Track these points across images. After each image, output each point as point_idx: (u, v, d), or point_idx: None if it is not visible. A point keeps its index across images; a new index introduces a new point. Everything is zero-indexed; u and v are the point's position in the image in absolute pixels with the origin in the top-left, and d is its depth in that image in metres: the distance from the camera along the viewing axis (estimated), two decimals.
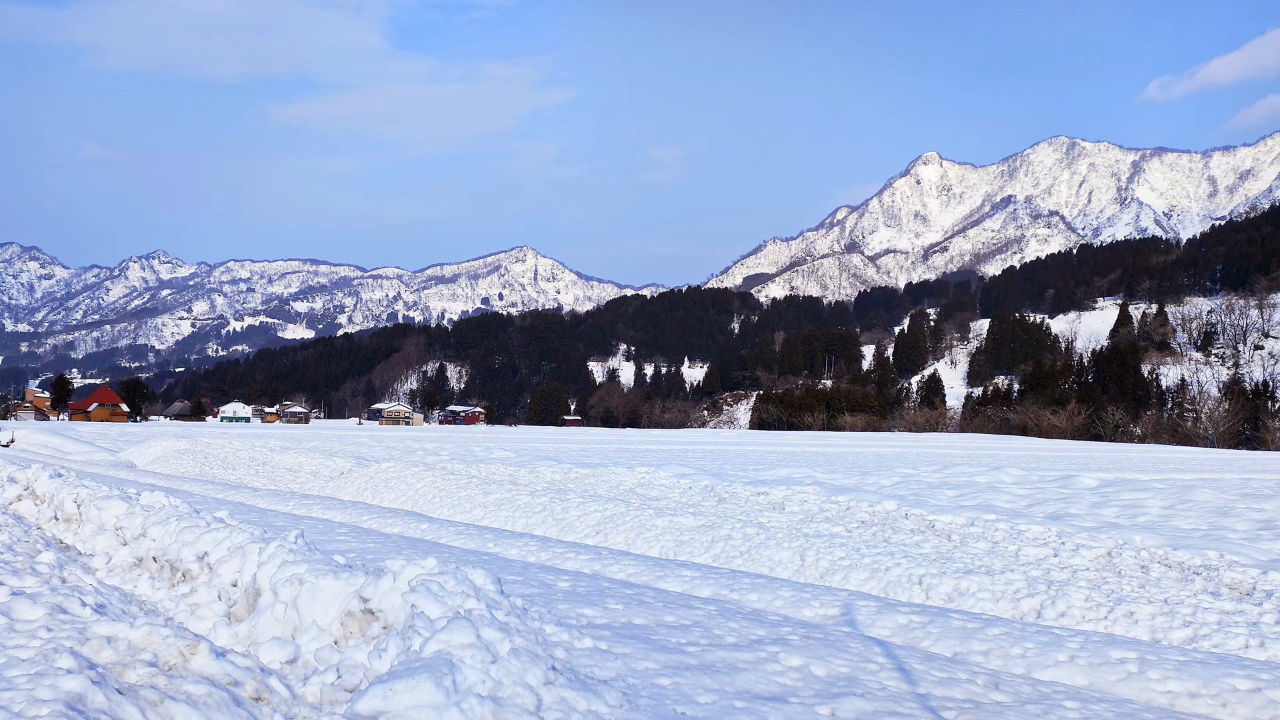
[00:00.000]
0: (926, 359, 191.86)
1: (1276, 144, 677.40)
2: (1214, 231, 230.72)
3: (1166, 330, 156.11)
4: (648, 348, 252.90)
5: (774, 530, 11.41)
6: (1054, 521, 11.76)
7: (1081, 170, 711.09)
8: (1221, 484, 19.28)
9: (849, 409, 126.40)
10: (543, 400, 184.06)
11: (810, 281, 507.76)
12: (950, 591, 8.25)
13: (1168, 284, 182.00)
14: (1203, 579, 8.45)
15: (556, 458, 24.40)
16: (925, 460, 28.87)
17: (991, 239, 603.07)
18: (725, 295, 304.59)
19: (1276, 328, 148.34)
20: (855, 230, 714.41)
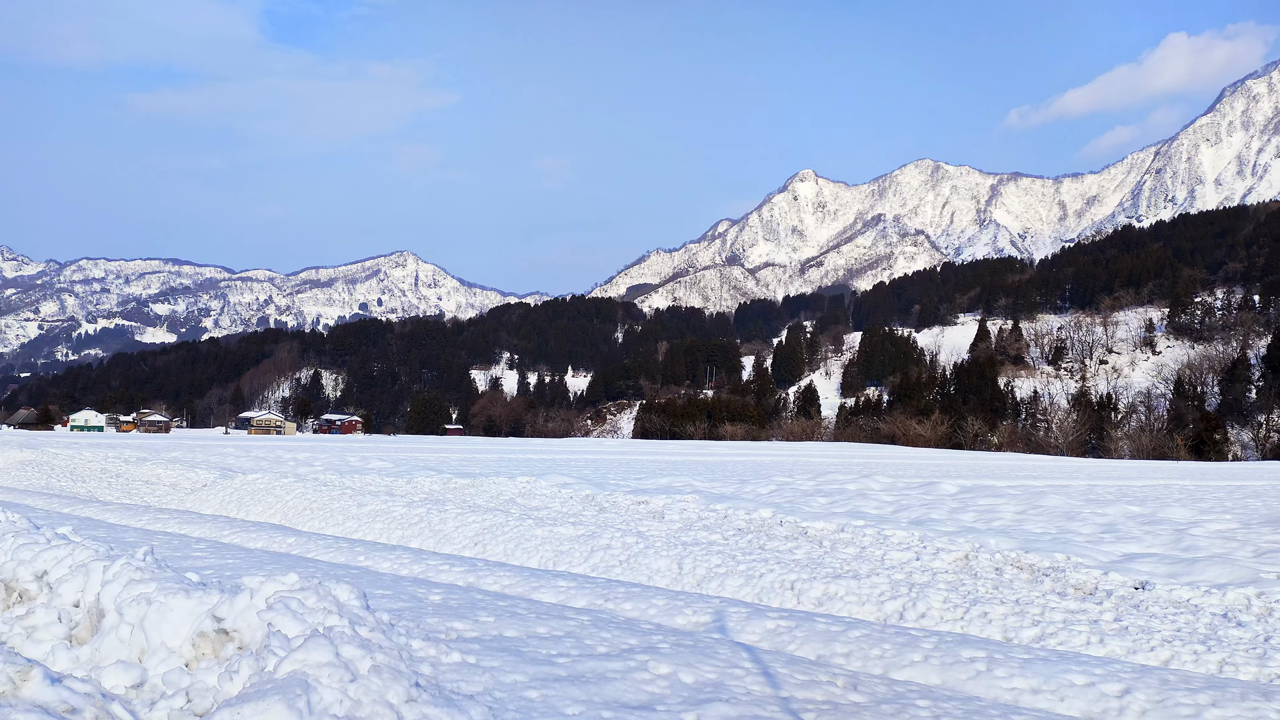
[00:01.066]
0: (803, 370, 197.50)
1: (1119, 172, 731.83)
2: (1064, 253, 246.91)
3: (1021, 345, 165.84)
4: (531, 356, 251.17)
5: (653, 539, 11.49)
6: (917, 526, 12.27)
7: (945, 192, 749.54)
8: (1069, 490, 20.55)
9: (729, 418, 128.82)
10: (423, 409, 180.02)
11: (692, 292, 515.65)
12: (820, 596, 8.49)
13: (1022, 302, 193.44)
14: (1051, 580, 8.96)
15: (436, 468, 23.89)
16: (800, 468, 29.69)
17: (863, 255, 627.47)
18: (609, 305, 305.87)
19: (1119, 344, 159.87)
20: (736, 243, 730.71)
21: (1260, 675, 5.78)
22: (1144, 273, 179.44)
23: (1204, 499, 19.44)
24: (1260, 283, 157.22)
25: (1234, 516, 14.63)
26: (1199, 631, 6.88)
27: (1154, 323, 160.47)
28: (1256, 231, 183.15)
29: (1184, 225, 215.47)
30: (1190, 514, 14.99)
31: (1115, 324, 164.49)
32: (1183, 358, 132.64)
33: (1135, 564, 9.53)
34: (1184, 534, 12.26)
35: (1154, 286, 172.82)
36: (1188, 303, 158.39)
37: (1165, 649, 6.41)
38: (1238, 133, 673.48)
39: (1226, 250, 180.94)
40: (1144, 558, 9.93)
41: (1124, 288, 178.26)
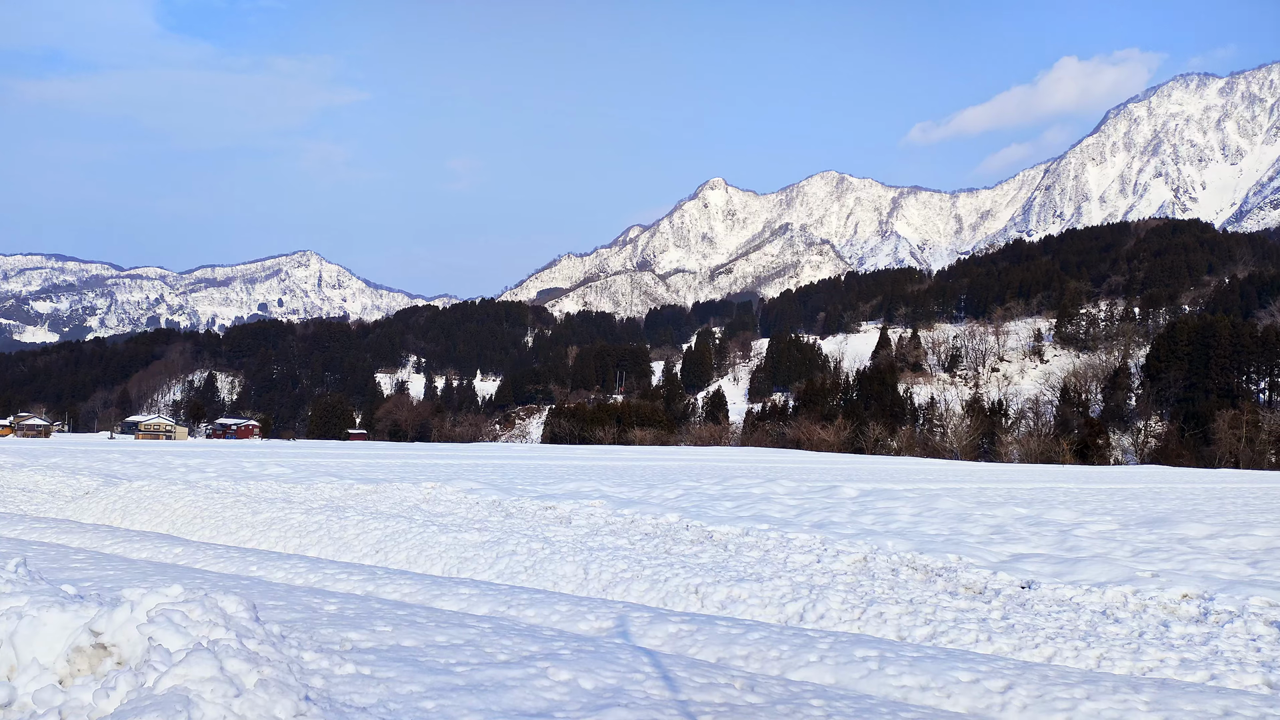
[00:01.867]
0: (712, 375, 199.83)
1: (1012, 188, 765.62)
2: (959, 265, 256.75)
3: (920, 353, 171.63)
4: (439, 360, 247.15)
5: (559, 544, 11.42)
6: (819, 530, 12.54)
7: (849, 203, 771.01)
8: (962, 493, 21.32)
9: (639, 423, 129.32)
10: (325, 413, 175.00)
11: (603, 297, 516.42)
12: (724, 599, 8.58)
13: (921, 311, 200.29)
14: (944, 580, 9.27)
15: (338, 473, 23.24)
16: (708, 473, 30.01)
17: (771, 263, 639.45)
18: (519, 308, 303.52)
19: (1010, 352, 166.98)
20: (647, 249, 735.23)
21: (1134, 669, 6.10)
22: (1033, 285, 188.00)
23: (1087, 501, 20.44)
24: (1140, 295, 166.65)
25: (1114, 518, 15.42)
26: (1080, 628, 7.22)
27: (1042, 332, 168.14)
28: (1137, 247, 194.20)
29: (1071, 240, 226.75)
30: (1074, 515, 15.74)
31: (1007, 333, 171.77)
32: (1069, 366, 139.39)
33: (1022, 564, 9.94)
34: (1068, 535, 12.86)
35: (1042, 298, 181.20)
36: (1073, 314, 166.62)
37: (1049, 646, 6.71)
38: (1120, 153, 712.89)
39: (1110, 264, 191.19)
40: (1030, 558, 10.37)
41: (1015, 299, 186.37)
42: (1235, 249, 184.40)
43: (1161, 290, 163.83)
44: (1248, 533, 13.20)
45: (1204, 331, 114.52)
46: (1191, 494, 25.05)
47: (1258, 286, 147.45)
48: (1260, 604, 7.80)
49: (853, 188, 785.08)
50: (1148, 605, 8.03)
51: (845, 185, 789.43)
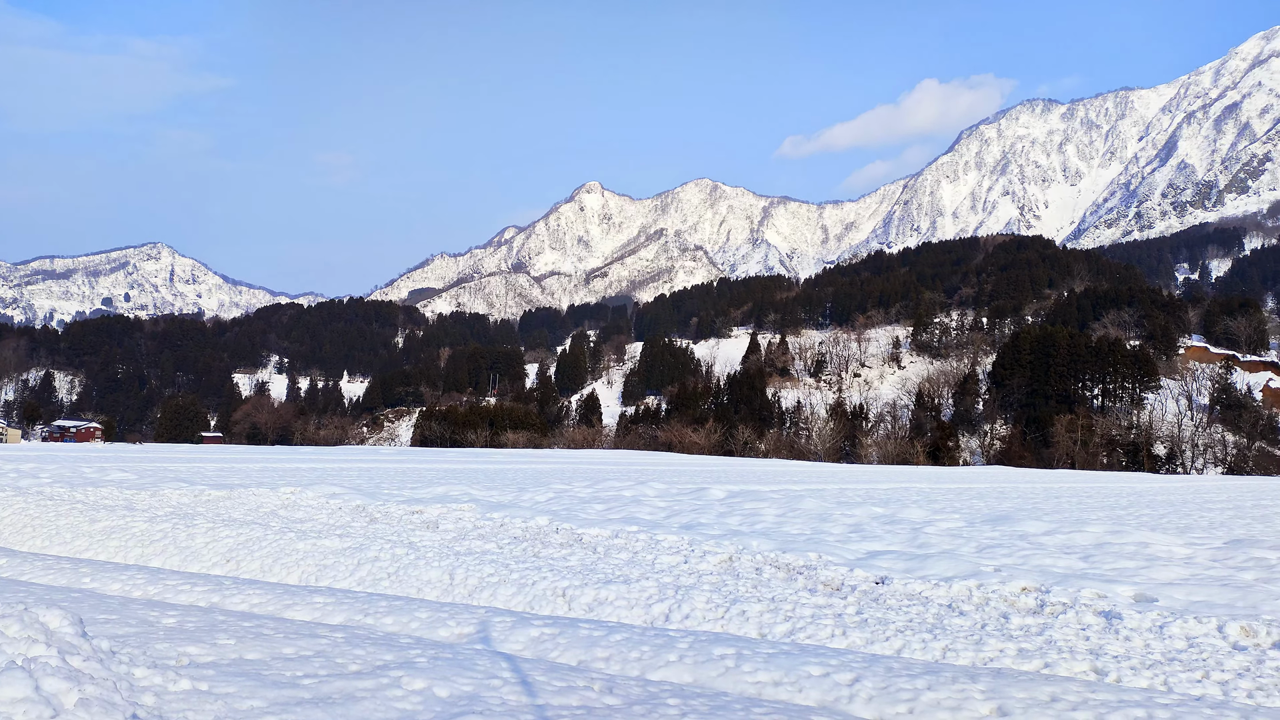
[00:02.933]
0: (586, 378, 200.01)
1: (874, 202, 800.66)
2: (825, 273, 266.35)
3: (787, 358, 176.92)
4: (303, 360, 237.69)
5: (425, 549, 11.14)
6: (687, 531, 12.71)
7: (722, 211, 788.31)
8: (824, 494, 22.06)
9: (512, 426, 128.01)
10: (177, 415, 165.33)
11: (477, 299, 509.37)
12: (591, 602, 8.56)
13: (789, 317, 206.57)
14: (804, 578, 9.55)
15: (188, 479, 21.96)
16: (580, 476, 29.97)
17: (646, 267, 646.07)
18: (390, 308, 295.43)
19: (870, 359, 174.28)
20: (522, 251, 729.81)
21: (976, 660, 6.44)
22: (893, 295, 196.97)
23: (937, 500, 21.51)
24: (988, 306, 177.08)
25: (961, 516, 16.28)
26: (928, 621, 7.56)
27: (900, 340, 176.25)
28: (985, 261, 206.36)
29: (926, 253, 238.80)
30: (925, 514, 16.53)
31: (868, 340, 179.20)
32: (923, 372, 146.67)
33: (877, 561, 10.36)
34: (919, 532, 13.49)
35: (900, 307, 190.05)
36: (928, 323, 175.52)
37: (899, 638, 7.00)
38: (972, 172, 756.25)
39: (961, 277, 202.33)
40: (885, 555, 10.81)
41: (876, 307, 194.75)
42: (1073, 265, 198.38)
43: (1007, 302, 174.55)
44: (1081, 529, 14.18)
45: (1044, 341, 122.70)
46: (1032, 493, 26.73)
47: (1092, 300, 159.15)
48: (1090, 595, 8.38)
49: (726, 196, 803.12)
50: (990, 598, 8.50)
51: (719, 193, 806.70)
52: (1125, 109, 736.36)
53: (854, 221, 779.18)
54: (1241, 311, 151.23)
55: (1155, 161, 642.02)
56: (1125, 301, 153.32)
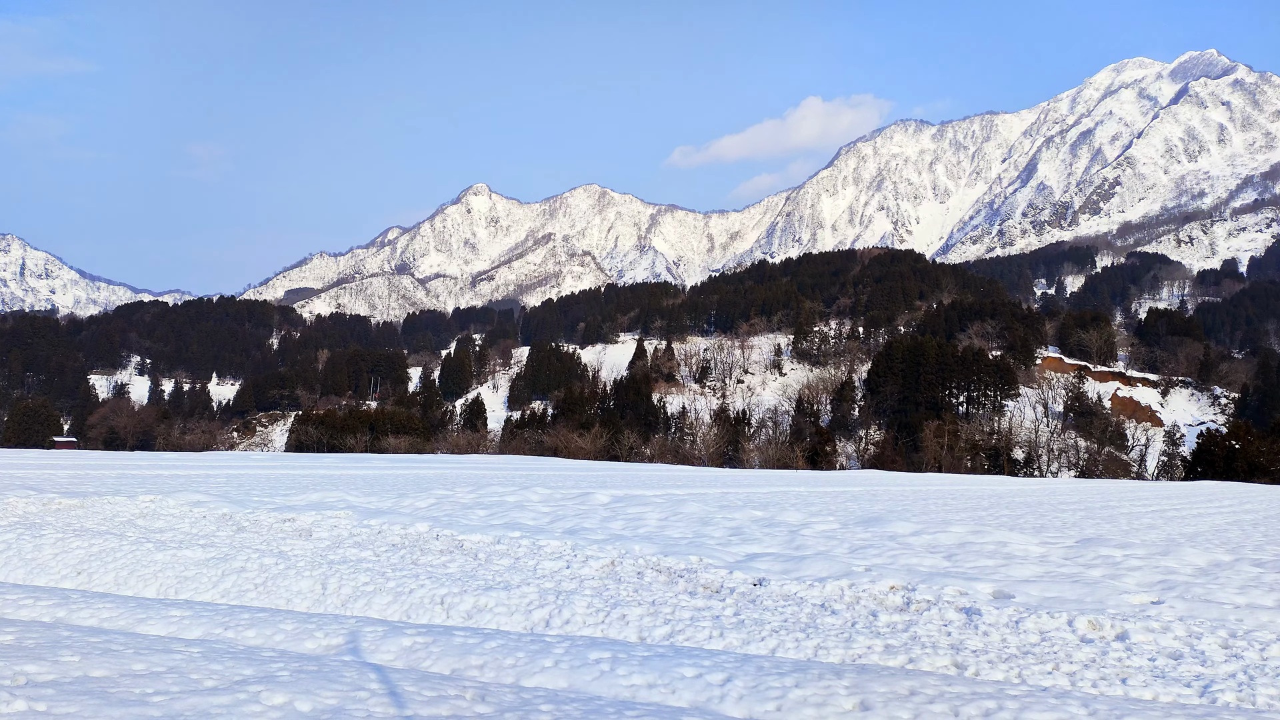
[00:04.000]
0: (471, 383, 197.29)
1: (758, 213, 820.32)
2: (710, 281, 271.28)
3: (673, 364, 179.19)
4: (168, 362, 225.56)
5: (296, 559, 10.74)
6: (570, 536, 12.69)
7: (611, 217, 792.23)
8: (706, 498, 22.41)
9: (394, 431, 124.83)
10: (25, 419, 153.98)
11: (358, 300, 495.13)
12: (470, 609, 8.44)
13: (675, 324, 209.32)
14: (685, 581, 9.67)
15: (37, 486, 20.48)
16: (463, 481, 29.49)
17: (533, 272, 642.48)
18: (264, 308, 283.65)
19: (753, 365, 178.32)
20: (407, 252, 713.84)
21: (846, 656, 6.67)
22: (775, 303, 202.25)
23: (814, 503, 22.17)
24: (864, 316, 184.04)
25: (835, 518, 16.83)
26: (801, 621, 7.78)
27: (782, 347, 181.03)
28: (862, 273, 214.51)
29: (807, 264, 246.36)
30: (802, 517, 17.01)
31: (751, 347, 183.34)
32: (804, 379, 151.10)
33: (756, 563, 10.59)
34: (797, 534, 13.87)
35: (782, 316, 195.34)
36: (808, 331, 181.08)
37: (773, 638, 7.18)
38: (850, 187, 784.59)
39: (839, 287, 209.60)
40: (763, 557, 11.06)
41: (759, 315, 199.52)
42: (942, 278, 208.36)
43: (882, 312, 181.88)
44: (946, 529, 14.87)
45: (915, 351, 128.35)
46: (902, 495, 27.88)
47: (959, 312, 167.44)
48: (953, 593, 8.80)
49: (614, 202, 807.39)
50: (861, 597, 8.81)
51: (607, 199, 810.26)
52: (990, 132, 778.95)
53: (739, 231, 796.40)
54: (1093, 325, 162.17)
55: (1017, 182, 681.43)
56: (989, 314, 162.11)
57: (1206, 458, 76.34)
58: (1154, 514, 22.70)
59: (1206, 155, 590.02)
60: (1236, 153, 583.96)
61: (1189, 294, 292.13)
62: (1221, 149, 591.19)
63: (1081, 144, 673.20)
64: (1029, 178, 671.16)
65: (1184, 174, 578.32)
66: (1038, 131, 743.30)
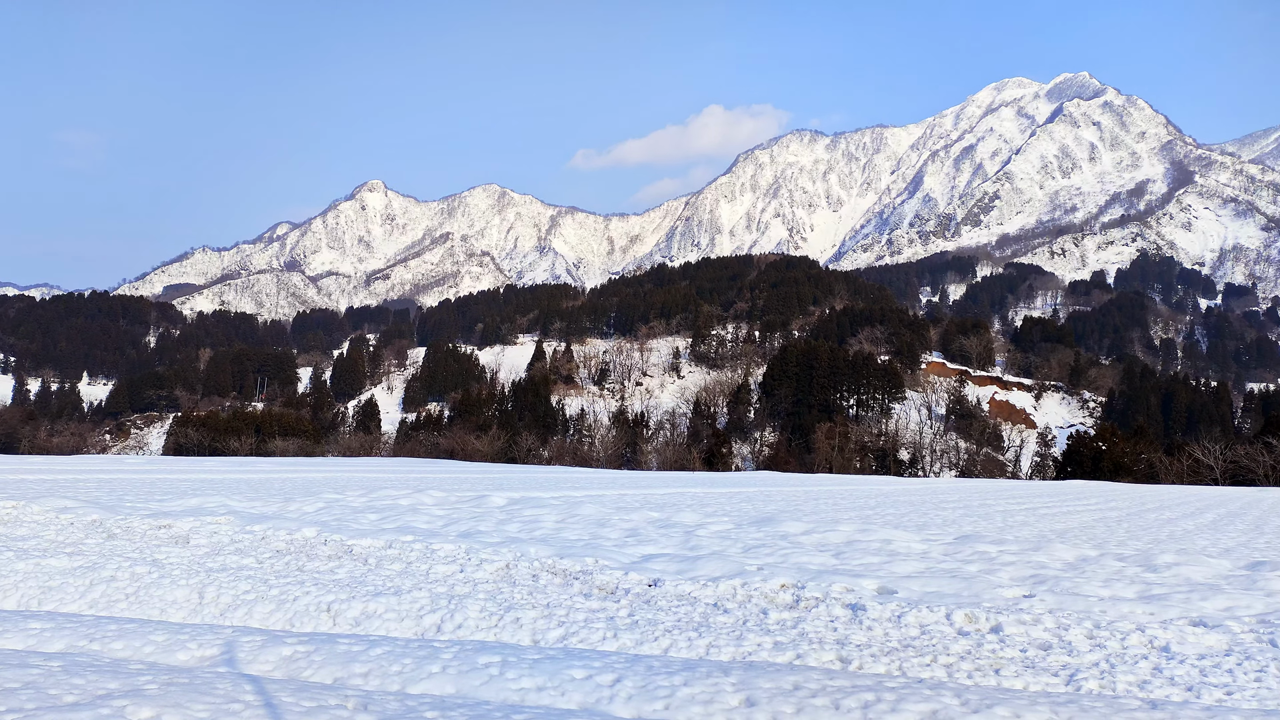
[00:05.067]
0: (365, 383, 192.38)
1: (658, 216, 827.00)
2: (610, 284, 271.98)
3: (572, 366, 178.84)
4: (34, 360, 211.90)
5: (171, 567, 10.24)
6: (465, 539, 12.50)
7: (510, 218, 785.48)
8: (603, 499, 22.44)
9: (281, 433, 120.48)
10: None
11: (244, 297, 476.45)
12: (358, 616, 8.21)
13: (574, 326, 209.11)
14: (580, 583, 9.66)
15: None
16: (354, 485, 28.70)
17: (431, 271, 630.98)
18: (141, 305, 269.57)
19: (652, 368, 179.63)
20: (297, 248, 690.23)
21: (736, 654, 6.78)
22: (674, 306, 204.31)
23: (710, 504, 22.48)
24: (760, 320, 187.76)
25: (730, 518, 17.10)
26: (695, 620, 7.87)
27: (680, 350, 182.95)
28: (758, 278, 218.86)
29: (705, 268, 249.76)
30: (698, 517, 17.22)
31: (650, 350, 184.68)
32: (701, 382, 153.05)
33: (651, 563, 10.66)
34: (692, 535, 14.03)
35: (681, 319, 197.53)
36: (706, 334, 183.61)
37: (666, 638, 7.24)
38: (748, 193, 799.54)
39: (736, 292, 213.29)
40: (659, 558, 11.15)
41: (658, 318, 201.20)
42: (835, 284, 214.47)
43: (777, 317, 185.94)
44: (834, 528, 15.30)
45: (809, 354, 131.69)
46: (794, 496, 28.54)
47: (850, 317, 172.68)
48: (840, 590, 9.06)
49: (514, 203, 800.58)
50: (752, 596, 8.98)
51: (507, 200, 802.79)
52: (880, 144, 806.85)
53: (639, 234, 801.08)
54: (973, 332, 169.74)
55: (905, 194, 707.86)
56: (878, 320, 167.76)
57: (1076, 458, 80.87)
58: (1027, 512, 23.90)
59: (1079, 172, 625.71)
60: (1106, 170, 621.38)
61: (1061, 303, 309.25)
62: (1092, 166, 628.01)
63: (964, 159, 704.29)
64: (916, 189, 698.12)
65: (1058, 189, 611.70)
66: (924, 145, 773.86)
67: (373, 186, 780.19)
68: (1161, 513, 25.73)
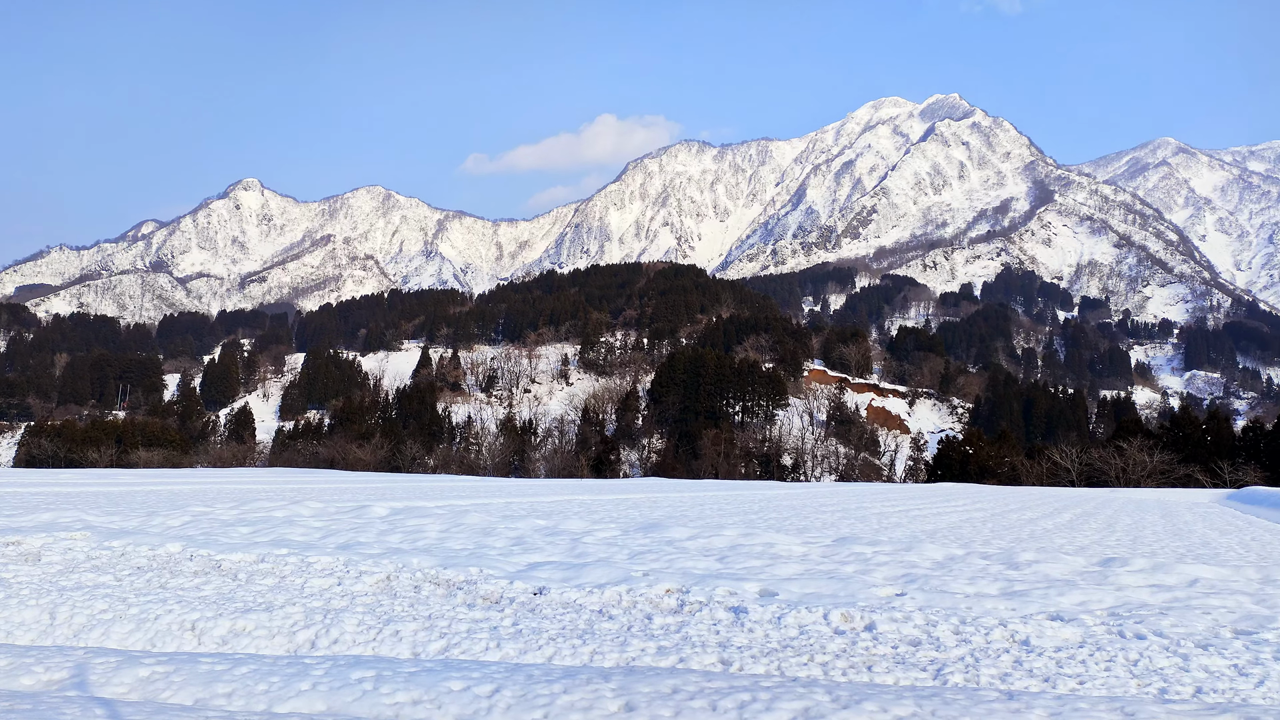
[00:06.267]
0: (239, 391, 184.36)
1: (547, 223, 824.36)
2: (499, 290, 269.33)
3: (459, 373, 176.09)
4: None
5: (19, 586, 9.53)
6: (344, 551, 12.12)
7: (395, 221, 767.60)
8: (490, 508, 22.16)
9: (145, 443, 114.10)
10: None
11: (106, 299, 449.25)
12: (225, 634, 7.84)
13: (462, 332, 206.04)
14: (464, 593, 9.50)
15: None
16: (225, 496, 27.41)
17: (311, 274, 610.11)
18: None
19: (541, 375, 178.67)
20: (164, 248, 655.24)
21: (620, 660, 6.80)
22: (563, 313, 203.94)
23: (597, 511, 22.50)
24: (649, 328, 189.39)
25: (617, 525, 17.15)
26: (579, 627, 7.85)
27: (569, 357, 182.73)
28: (647, 285, 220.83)
29: (595, 275, 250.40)
30: (585, 524, 17.20)
31: (539, 357, 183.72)
32: (590, 389, 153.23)
33: (537, 571, 10.58)
34: (579, 542, 14.00)
35: (570, 326, 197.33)
36: (595, 341, 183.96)
37: (550, 646, 7.20)
38: (637, 201, 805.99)
39: (625, 299, 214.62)
40: (545, 565, 11.08)
41: (547, 325, 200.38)
42: (722, 293, 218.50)
43: (665, 324, 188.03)
44: (719, 533, 15.55)
45: (696, 362, 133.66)
46: (680, 502, 28.87)
47: (736, 326, 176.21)
48: (723, 593, 9.21)
49: (399, 205, 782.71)
50: (638, 601, 9.03)
51: (392, 202, 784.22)
52: (765, 157, 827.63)
53: (528, 240, 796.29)
54: (852, 340, 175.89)
55: (789, 205, 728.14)
56: (763, 328, 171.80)
57: (945, 462, 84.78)
58: (900, 513, 24.89)
59: (949, 189, 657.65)
60: (974, 188, 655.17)
61: (933, 313, 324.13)
62: (962, 184, 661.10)
63: (844, 173, 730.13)
64: (799, 202, 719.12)
65: (930, 205, 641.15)
66: (807, 159, 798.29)
67: (248, 185, 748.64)
68: (1023, 513, 27.23)
